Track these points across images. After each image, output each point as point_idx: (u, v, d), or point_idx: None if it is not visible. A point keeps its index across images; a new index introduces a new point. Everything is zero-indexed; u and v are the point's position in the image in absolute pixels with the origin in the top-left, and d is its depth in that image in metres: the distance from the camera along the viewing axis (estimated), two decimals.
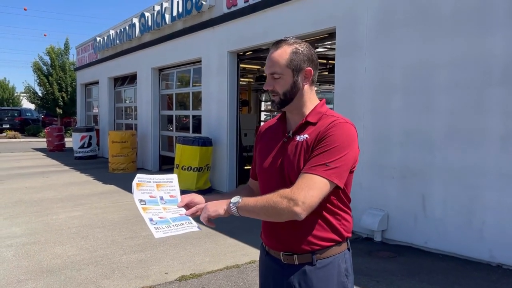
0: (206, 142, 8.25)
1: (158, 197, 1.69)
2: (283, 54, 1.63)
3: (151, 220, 1.60)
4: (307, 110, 1.68)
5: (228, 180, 8.33)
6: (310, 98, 1.69)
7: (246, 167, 9.52)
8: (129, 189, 8.41)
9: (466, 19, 4.52)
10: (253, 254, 4.72)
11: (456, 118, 4.62)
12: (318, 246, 1.61)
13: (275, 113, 18.84)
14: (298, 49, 1.64)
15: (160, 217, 1.62)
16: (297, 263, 1.63)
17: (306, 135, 1.63)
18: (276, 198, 1.49)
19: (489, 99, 4.38)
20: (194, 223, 1.66)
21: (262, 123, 16.58)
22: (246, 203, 1.56)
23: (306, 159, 1.58)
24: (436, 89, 4.78)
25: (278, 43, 1.66)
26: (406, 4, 5.07)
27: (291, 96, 1.65)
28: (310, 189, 1.47)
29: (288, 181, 1.61)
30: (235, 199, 1.58)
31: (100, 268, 4.30)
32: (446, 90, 4.70)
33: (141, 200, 1.65)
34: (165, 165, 11.32)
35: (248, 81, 14.10)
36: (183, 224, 1.63)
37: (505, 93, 4.26)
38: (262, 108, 17.83)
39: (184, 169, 8.10)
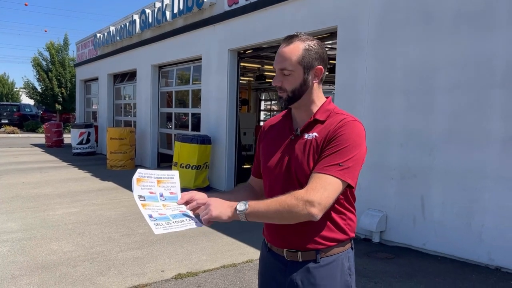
0: (205, 140, 8.21)
1: (158, 194, 1.65)
2: (295, 50, 1.57)
3: (150, 216, 1.56)
4: (315, 108, 1.64)
5: (226, 179, 8.30)
6: (318, 96, 1.66)
7: (244, 166, 9.52)
8: (127, 186, 8.39)
9: (468, 20, 4.49)
10: (251, 253, 4.69)
11: (456, 119, 4.60)
12: (323, 245, 1.59)
13: (275, 112, 18.83)
14: (311, 46, 1.59)
15: (160, 214, 1.59)
16: (300, 260, 1.61)
17: (315, 134, 1.59)
18: (290, 200, 1.44)
19: (490, 101, 4.35)
20: (195, 219, 1.62)
21: (261, 122, 16.61)
22: (256, 208, 1.48)
23: (316, 159, 1.54)
24: (437, 90, 4.76)
25: (290, 38, 1.60)
26: (408, 4, 5.04)
27: (300, 93, 1.60)
28: (325, 190, 1.45)
29: (296, 180, 1.58)
30: (241, 206, 1.49)
31: (96, 265, 4.26)
32: (447, 91, 4.67)
33: (140, 196, 1.62)
34: (164, 162, 11.29)
35: (248, 80, 14.07)
36: (183, 221, 1.60)
37: (506, 95, 4.23)
38: (262, 107, 17.82)
39: (183, 167, 8.06)
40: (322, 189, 1.44)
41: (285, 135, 1.68)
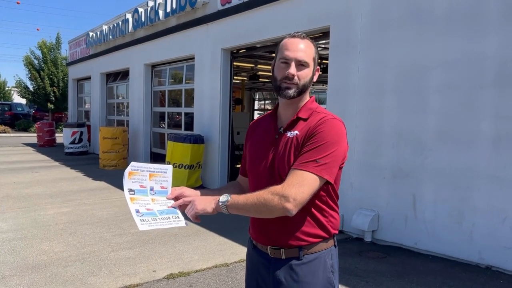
0: (198, 140, 8.19)
1: (148, 187, 1.67)
2: (312, 47, 1.64)
3: (137, 211, 1.59)
4: (301, 106, 1.69)
5: (219, 178, 8.29)
6: (307, 95, 1.72)
7: (238, 166, 9.51)
8: (119, 185, 8.33)
9: (460, 21, 4.52)
10: (243, 253, 4.68)
11: (448, 119, 4.62)
12: (305, 241, 1.63)
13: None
14: (316, 48, 1.68)
15: (147, 209, 1.61)
16: (284, 257, 1.64)
17: (296, 131, 1.63)
18: (266, 195, 1.49)
19: (481, 101, 4.38)
20: (181, 218, 1.64)
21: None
22: (236, 201, 1.54)
23: (296, 156, 1.58)
24: (428, 90, 4.78)
25: (302, 35, 1.64)
26: (400, 5, 5.06)
27: (306, 88, 1.65)
28: (301, 186, 1.48)
29: (279, 177, 1.61)
30: (224, 197, 1.56)
31: (87, 265, 4.23)
32: (438, 91, 4.70)
33: (130, 190, 1.64)
34: (156, 162, 11.24)
35: (242, 80, 14.05)
36: (169, 218, 1.62)
37: (497, 95, 4.26)
38: (256, 107, 17.82)
39: (175, 166, 8.03)
40: (298, 185, 1.48)
41: (270, 134, 1.72)
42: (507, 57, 4.18)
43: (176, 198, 1.69)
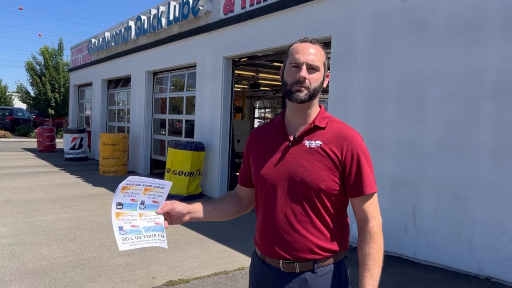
0: (198, 147, 8.21)
1: (139, 201, 1.56)
2: (322, 51, 1.60)
3: (120, 229, 1.49)
4: (313, 113, 1.61)
5: (219, 186, 8.29)
6: (317, 103, 1.65)
7: (238, 173, 9.52)
8: None
9: (460, 33, 4.57)
10: (242, 260, 4.68)
11: (448, 130, 4.65)
12: (320, 255, 1.57)
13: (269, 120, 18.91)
14: (326, 53, 1.66)
15: (132, 226, 1.51)
16: (298, 271, 1.57)
17: (319, 142, 1.56)
18: (378, 240, 1.56)
19: (481, 112, 4.41)
20: (165, 238, 1.55)
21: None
22: (375, 279, 1.52)
23: (337, 175, 1.56)
24: (429, 100, 4.81)
25: (312, 40, 1.60)
26: (401, 16, 5.11)
27: (316, 94, 1.58)
28: (377, 203, 1.63)
29: (298, 187, 1.54)
30: None
31: (87, 271, 4.23)
32: (439, 102, 4.73)
33: (118, 204, 1.53)
34: (156, 169, 11.26)
35: (243, 88, 14.12)
36: (155, 235, 1.52)
37: (497, 106, 4.29)
38: (256, 115, 17.88)
39: (175, 174, 8.05)
40: (377, 206, 1.62)
41: (279, 142, 1.63)
42: (507, 69, 4.22)
43: (166, 214, 1.60)
